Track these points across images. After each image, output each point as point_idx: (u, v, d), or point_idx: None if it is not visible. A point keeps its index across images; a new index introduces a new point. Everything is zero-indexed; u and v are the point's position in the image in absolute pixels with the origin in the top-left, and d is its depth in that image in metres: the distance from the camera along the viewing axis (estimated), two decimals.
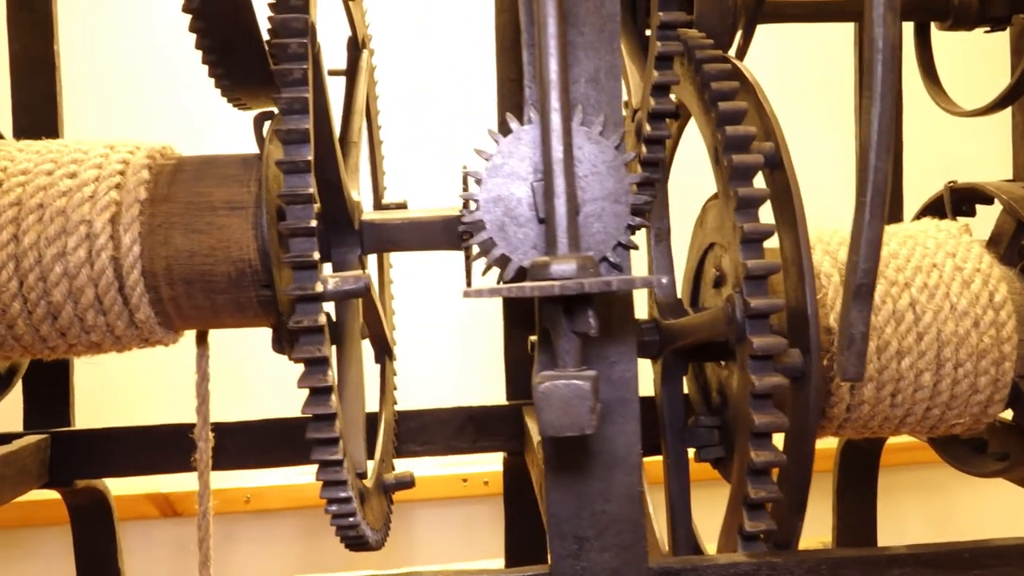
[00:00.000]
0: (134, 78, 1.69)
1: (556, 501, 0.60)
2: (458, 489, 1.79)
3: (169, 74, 1.70)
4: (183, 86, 1.69)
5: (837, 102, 1.55)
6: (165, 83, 1.70)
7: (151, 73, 1.71)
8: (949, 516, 1.92)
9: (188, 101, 1.70)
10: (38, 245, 0.80)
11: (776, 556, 0.63)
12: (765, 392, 0.63)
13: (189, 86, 1.69)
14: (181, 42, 1.70)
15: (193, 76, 1.66)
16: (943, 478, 1.86)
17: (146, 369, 1.65)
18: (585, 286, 0.48)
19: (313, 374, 0.64)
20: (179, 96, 1.70)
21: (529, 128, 0.58)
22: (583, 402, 0.50)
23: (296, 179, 0.62)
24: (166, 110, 1.69)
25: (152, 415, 1.25)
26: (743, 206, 0.66)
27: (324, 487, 0.69)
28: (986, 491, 1.86)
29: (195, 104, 1.68)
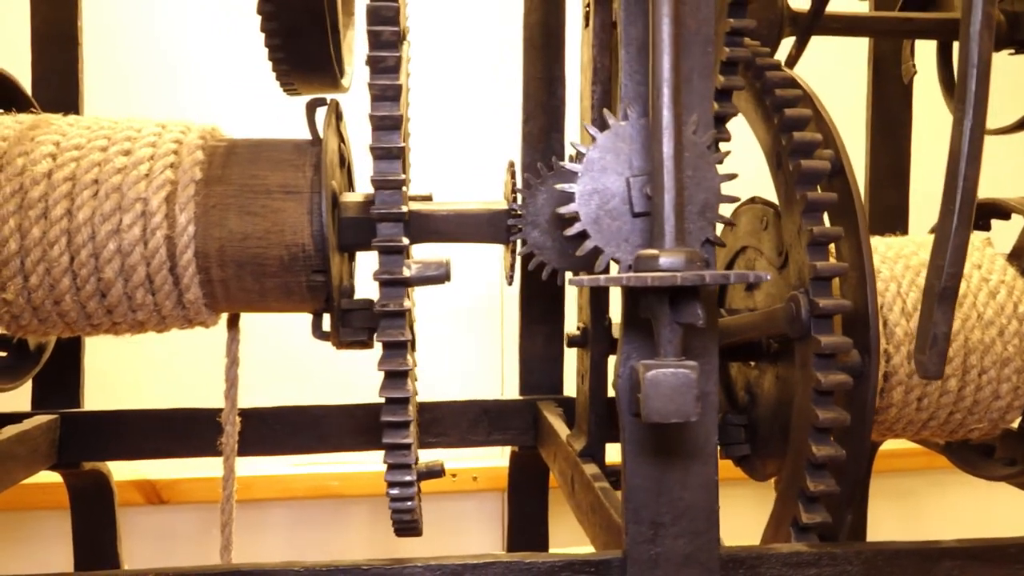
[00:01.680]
0: (154, 57, 1.67)
1: (635, 487, 0.61)
2: (447, 484, 1.80)
3: (190, 52, 1.69)
4: (204, 65, 1.68)
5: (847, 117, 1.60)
6: (186, 62, 1.69)
7: (172, 51, 1.69)
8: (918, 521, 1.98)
9: (208, 81, 1.68)
10: (92, 221, 0.80)
11: (835, 547, 0.65)
12: (829, 389, 0.66)
13: (210, 65, 1.68)
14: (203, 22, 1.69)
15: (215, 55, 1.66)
16: (913, 484, 1.92)
17: (155, 353, 1.63)
18: (706, 278, 0.50)
19: (393, 357, 0.65)
20: (199, 76, 1.68)
21: (626, 124, 0.60)
22: (689, 390, 0.52)
23: (386, 164, 0.63)
24: (186, 89, 1.67)
25: (161, 399, 1.24)
26: (810, 210, 0.69)
27: (390, 470, 0.70)
28: (954, 497, 1.93)
29: (215, 83, 1.67)
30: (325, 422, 1.21)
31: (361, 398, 1.23)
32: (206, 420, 1.19)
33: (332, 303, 0.87)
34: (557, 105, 1.21)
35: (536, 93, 1.21)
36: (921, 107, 1.22)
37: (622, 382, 0.61)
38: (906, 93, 1.19)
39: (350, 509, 1.80)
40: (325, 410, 1.21)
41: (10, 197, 0.79)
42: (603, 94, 0.89)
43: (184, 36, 1.69)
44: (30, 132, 0.82)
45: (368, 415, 1.21)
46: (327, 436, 1.21)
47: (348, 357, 1.67)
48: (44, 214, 0.79)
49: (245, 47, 1.69)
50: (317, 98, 0.88)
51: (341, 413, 1.21)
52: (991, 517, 1.86)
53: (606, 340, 0.90)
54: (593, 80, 0.89)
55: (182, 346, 1.57)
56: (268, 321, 1.19)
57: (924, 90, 1.21)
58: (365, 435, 1.21)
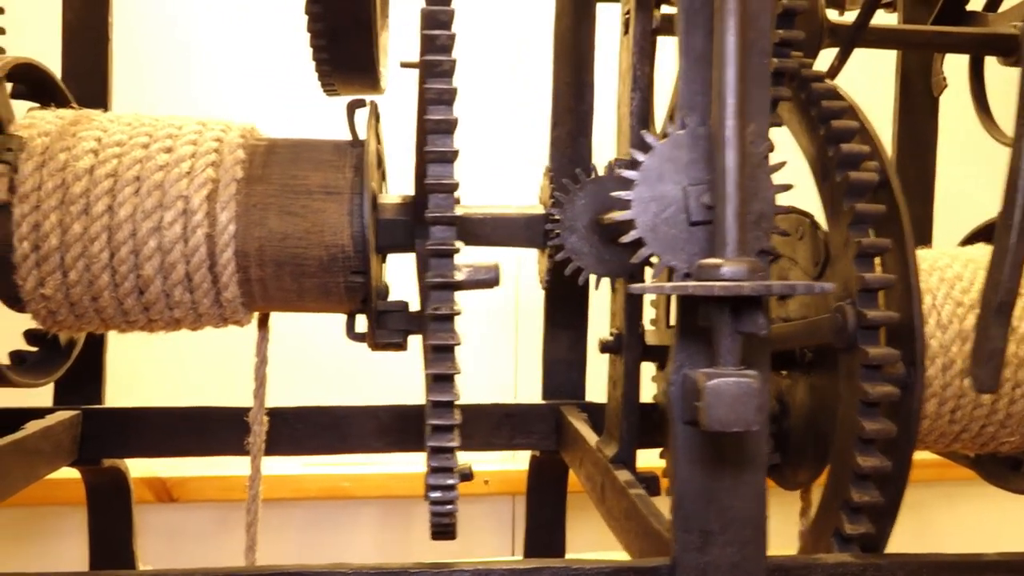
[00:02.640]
0: (168, 52, 1.67)
1: (686, 496, 0.62)
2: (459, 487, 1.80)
3: (206, 47, 1.69)
4: (218, 62, 1.68)
5: None
6: (201, 57, 1.69)
7: (188, 46, 1.69)
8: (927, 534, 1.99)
9: (222, 77, 1.68)
10: (133, 218, 0.80)
11: (880, 558, 0.66)
12: (877, 401, 0.66)
13: (225, 62, 1.68)
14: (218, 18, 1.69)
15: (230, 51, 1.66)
16: (923, 496, 1.93)
17: (176, 351, 1.63)
18: (772, 288, 0.50)
19: (442, 360, 0.65)
20: (213, 73, 1.68)
21: (683, 133, 0.60)
22: (752, 399, 0.52)
23: (441, 168, 0.63)
24: (200, 86, 1.67)
25: (181, 397, 1.23)
26: (858, 222, 0.69)
27: (432, 473, 0.70)
28: (964, 509, 1.94)
29: (229, 80, 1.67)
30: (347, 423, 1.21)
31: (384, 399, 1.23)
32: (228, 419, 1.18)
33: (368, 304, 0.87)
34: (585, 111, 1.21)
35: (565, 98, 1.21)
36: (944, 121, 1.23)
37: (675, 390, 0.61)
38: (932, 107, 1.20)
39: (361, 511, 1.80)
40: (347, 411, 1.21)
41: (52, 192, 0.79)
42: (642, 101, 0.90)
43: (200, 31, 1.69)
44: (71, 128, 0.82)
45: (391, 416, 1.21)
46: (349, 437, 1.21)
47: (370, 358, 1.67)
48: (85, 210, 0.79)
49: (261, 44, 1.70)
50: (357, 99, 0.88)
51: (363, 414, 1.21)
52: (1002, 530, 1.87)
53: (640, 347, 0.90)
54: (633, 87, 0.89)
55: (204, 345, 1.57)
56: (290, 322, 1.19)
57: (947, 104, 1.22)
58: (388, 436, 1.21)
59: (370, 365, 1.65)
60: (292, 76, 1.65)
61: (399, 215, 0.88)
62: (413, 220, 0.88)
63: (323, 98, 1.17)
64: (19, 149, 0.80)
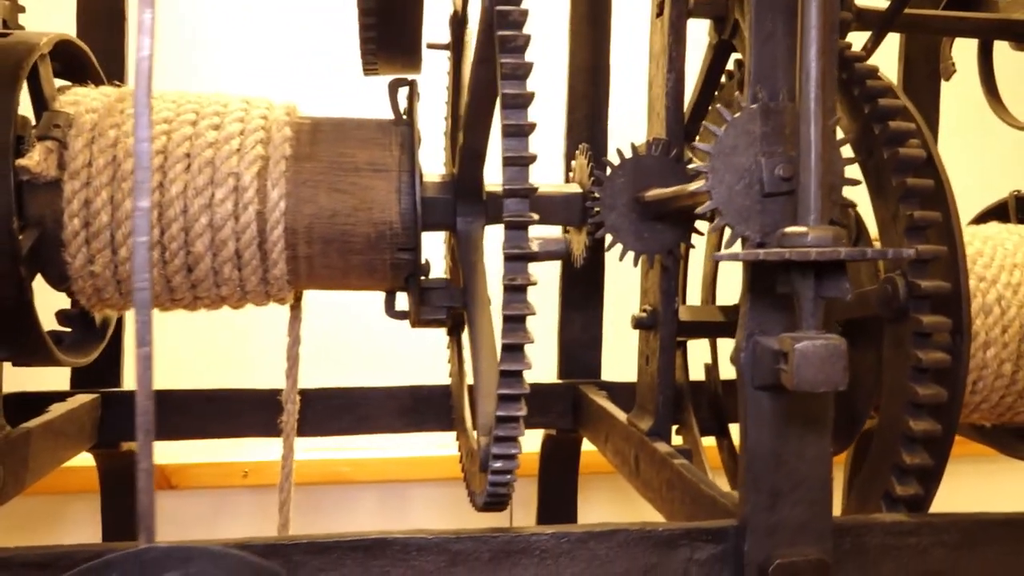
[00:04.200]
0: (199, 34, 1.65)
1: (755, 458, 0.64)
2: (457, 470, 1.81)
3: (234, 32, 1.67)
4: (248, 44, 1.66)
5: None
6: (231, 41, 1.67)
7: (217, 29, 1.67)
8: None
9: (251, 59, 1.67)
10: (185, 195, 0.80)
11: (934, 517, 0.69)
12: (929, 367, 0.69)
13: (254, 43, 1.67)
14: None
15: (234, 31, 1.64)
16: None
17: (193, 334, 1.61)
18: (867, 254, 0.52)
19: (515, 331, 0.66)
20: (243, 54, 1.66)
21: (756, 107, 0.62)
22: (839, 360, 0.54)
23: (516, 142, 0.64)
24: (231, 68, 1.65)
25: (198, 380, 1.23)
26: (907, 196, 0.72)
27: (497, 442, 0.71)
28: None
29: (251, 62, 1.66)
30: (366, 404, 1.21)
31: (402, 380, 1.23)
32: (248, 401, 1.19)
33: (412, 281, 0.88)
34: (601, 95, 1.23)
35: (581, 83, 1.23)
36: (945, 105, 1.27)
37: (746, 357, 0.63)
38: (935, 91, 1.23)
39: (359, 495, 1.80)
40: (367, 392, 1.21)
41: (103, 169, 0.79)
42: (677, 82, 0.92)
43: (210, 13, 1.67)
44: (118, 104, 0.82)
45: (410, 397, 1.22)
46: (368, 418, 1.22)
47: (390, 339, 1.68)
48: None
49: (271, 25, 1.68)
50: (399, 78, 0.89)
51: (383, 395, 1.21)
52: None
53: (676, 322, 0.92)
54: (668, 68, 0.91)
55: (222, 328, 1.57)
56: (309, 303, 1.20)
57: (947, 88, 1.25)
58: (407, 417, 1.22)
59: (389, 346, 1.66)
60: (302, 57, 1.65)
61: (440, 193, 0.89)
62: (454, 198, 0.90)
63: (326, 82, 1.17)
64: (67, 125, 0.79)
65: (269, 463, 1.75)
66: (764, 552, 0.64)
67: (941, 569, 0.69)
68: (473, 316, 0.86)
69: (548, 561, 0.64)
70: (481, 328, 0.85)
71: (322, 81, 1.62)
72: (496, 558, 0.64)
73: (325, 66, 1.63)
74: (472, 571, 0.63)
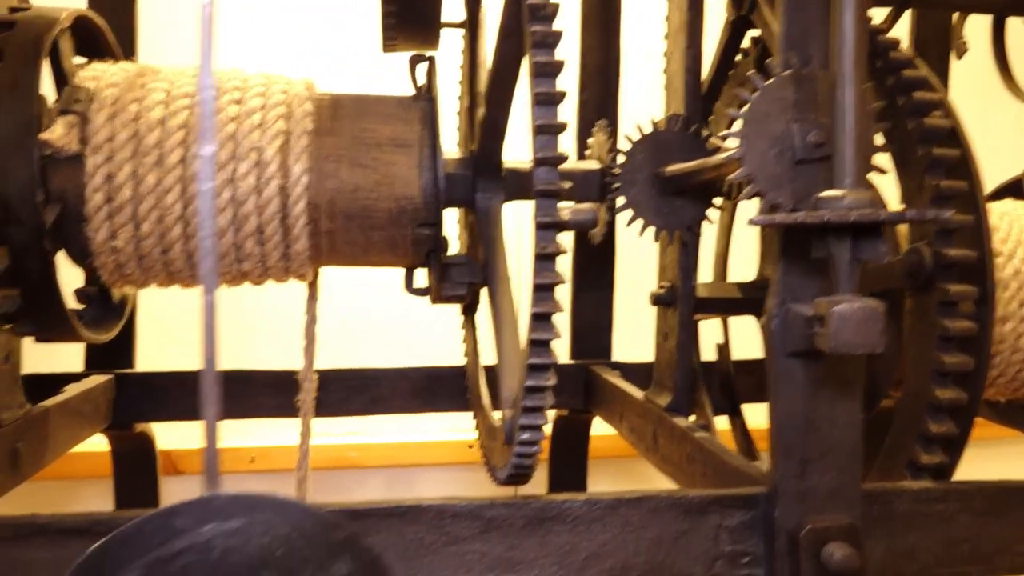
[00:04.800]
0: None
1: (785, 425, 0.64)
2: (464, 455, 1.81)
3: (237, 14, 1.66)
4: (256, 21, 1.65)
5: None
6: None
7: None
8: None
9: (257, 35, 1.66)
10: None
11: (960, 485, 0.69)
12: (956, 335, 0.70)
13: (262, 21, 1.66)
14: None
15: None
16: None
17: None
18: (907, 216, 0.52)
19: (545, 300, 0.67)
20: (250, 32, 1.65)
21: (788, 74, 0.62)
22: (877, 323, 0.54)
23: (546, 110, 0.64)
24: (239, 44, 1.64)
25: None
26: (933, 166, 0.72)
27: (526, 413, 0.71)
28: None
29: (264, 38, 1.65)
30: (378, 385, 1.21)
31: (415, 361, 1.24)
32: (262, 381, 1.19)
33: (432, 257, 0.88)
34: (612, 74, 1.23)
35: (592, 62, 1.23)
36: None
37: (777, 323, 0.64)
38: (945, 70, 1.24)
39: (367, 480, 1.80)
40: (379, 373, 1.21)
41: (125, 143, 0.78)
42: (696, 57, 0.92)
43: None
44: (138, 79, 0.82)
45: (423, 378, 1.22)
46: (381, 399, 1.22)
47: (402, 319, 1.68)
48: (159, 161, 0.79)
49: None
50: (419, 54, 0.89)
51: (395, 376, 1.21)
52: None
53: (695, 298, 0.93)
54: (688, 44, 0.91)
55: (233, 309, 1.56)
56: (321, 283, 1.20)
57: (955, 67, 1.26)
58: (420, 398, 1.22)
59: (401, 326, 1.66)
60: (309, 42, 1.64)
61: (460, 169, 0.89)
62: (473, 174, 0.90)
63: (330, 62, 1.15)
64: (88, 100, 0.79)
65: (276, 448, 1.75)
66: (795, 518, 0.64)
67: (967, 536, 0.69)
68: (494, 291, 0.86)
69: (580, 527, 0.64)
70: (502, 303, 0.86)
71: (328, 63, 1.61)
72: (529, 524, 0.64)
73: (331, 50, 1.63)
74: (505, 537, 0.63)
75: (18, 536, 0.58)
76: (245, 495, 0.35)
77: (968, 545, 0.68)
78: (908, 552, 0.68)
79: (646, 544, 0.65)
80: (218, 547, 0.35)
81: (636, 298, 1.30)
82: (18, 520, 0.59)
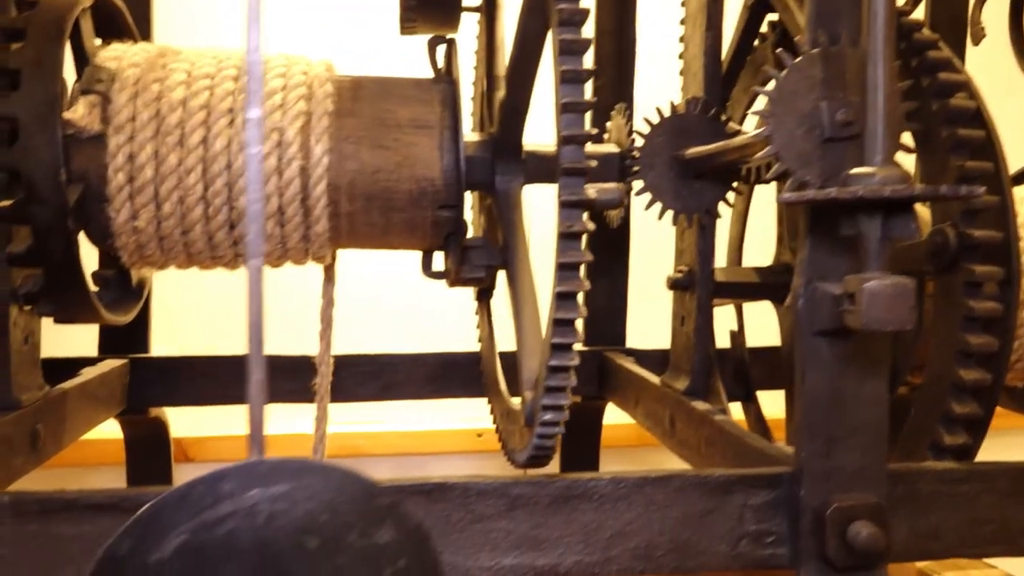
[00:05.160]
0: None
1: (812, 404, 0.64)
2: (473, 443, 1.81)
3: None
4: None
5: None
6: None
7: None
8: None
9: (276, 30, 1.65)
10: (229, 149, 0.79)
11: (984, 465, 0.69)
12: (981, 316, 0.70)
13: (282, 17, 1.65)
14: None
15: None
16: None
17: (216, 301, 1.60)
18: (941, 190, 0.52)
19: (569, 279, 0.67)
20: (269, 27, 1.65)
21: (817, 52, 0.62)
22: (907, 300, 0.54)
23: (572, 88, 0.64)
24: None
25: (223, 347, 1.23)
26: (957, 147, 0.72)
27: (547, 392, 0.71)
28: None
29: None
30: (393, 370, 1.21)
31: (429, 347, 1.24)
32: (278, 367, 1.19)
33: (452, 239, 0.88)
34: (628, 60, 1.23)
35: (607, 47, 1.23)
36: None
37: (803, 303, 0.64)
38: (960, 58, 1.24)
39: (376, 468, 1.81)
40: (394, 359, 1.21)
41: (147, 123, 0.78)
42: (715, 40, 0.92)
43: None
44: (159, 60, 0.81)
45: (438, 364, 1.22)
46: (395, 385, 1.22)
47: (416, 305, 1.68)
48: (180, 141, 0.79)
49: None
50: (437, 37, 0.89)
51: (410, 362, 1.21)
52: None
53: (713, 281, 0.93)
54: (707, 26, 0.91)
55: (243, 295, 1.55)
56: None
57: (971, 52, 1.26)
58: (434, 384, 1.22)
59: (415, 312, 1.66)
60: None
61: (479, 152, 0.89)
62: (492, 156, 0.89)
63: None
64: (109, 80, 0.79)
65: (285, 436, 1.74)
66: (820, 497, 0.64)
67: (991, 516, 0.69)
68: (514, 274, 0.86)
69: (606, 506, 0.64)
70: (523, 285, 0.85)
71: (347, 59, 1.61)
72: (555, 503, 0.64)
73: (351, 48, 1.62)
74: (531, 515, 0.63)
75: (45, 511, 0.58)
76: (290, 460, 0.35)
77: (992, 526, 0.68)
78: (932, 532, 0.68)
79: (671, 523, 0.65)
80: (264, 512, 0.35)
81: (647, 286, 1.31)
82: (45, 496, 0.59)
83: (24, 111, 0.72)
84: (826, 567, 0.63)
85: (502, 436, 1.01)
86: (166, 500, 0.34)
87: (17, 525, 0.58)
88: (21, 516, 0.58)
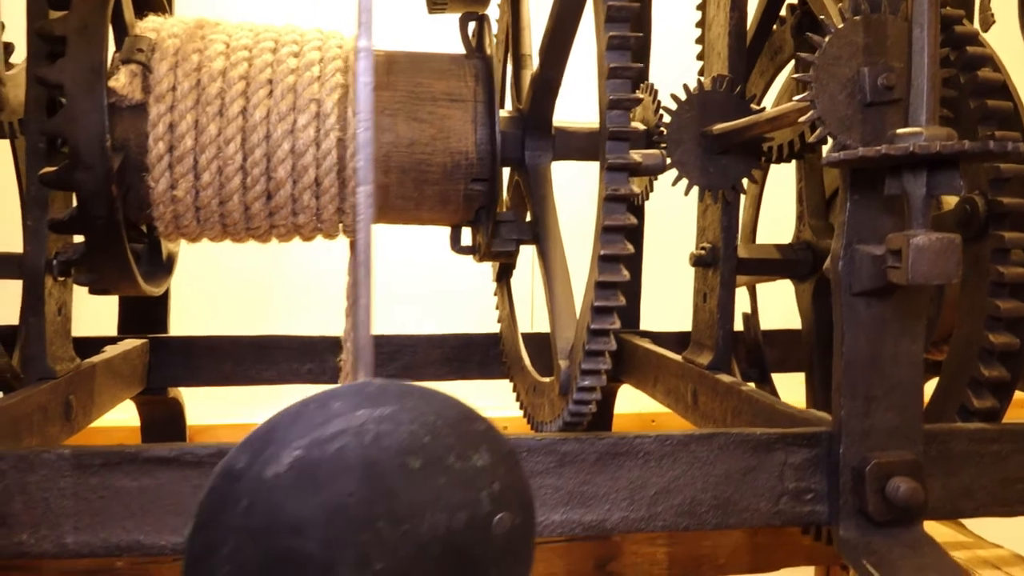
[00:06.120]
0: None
1: (852, 364, 0.66)
2: None
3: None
4: None
5: None
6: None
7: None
8: None
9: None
10: (268, 120, 0.80)
11: (1014, 426, 0.71)
12: (1010, 282, 0.72)
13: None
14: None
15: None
16: None
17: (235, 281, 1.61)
18: (991, 146, 0.54)
19: (613, 242, 0.68)
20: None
21: (859, 18, 0.64)
22: (954, 254, 0.56)
23: (619, 55, 0.66)
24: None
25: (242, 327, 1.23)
26: (985, 119, 0.74)
27: (588, 357, 0.73)
28: None
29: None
30: (412, 351, 1.22)
31: (447, 328, 1.24)
32: (296, 348, 1.19)
33: (483, 213, 0.89)
34: (644, 41, 1.24)
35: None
36: None
37: (844, 264, 0.65)
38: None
39: None
40: (412, 340, 1.22)
41: (188, 93, 0.79)
42: (740, 20, 0.94)
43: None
44: (198, 31, 0.82)
45: (456, 345, 1.23)
46: (413, 366, 1.22)
47: (432, 287, 1.69)
48: (220, 111, 0.80)
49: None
50: (470, 13, 0.90)
51: (428, 343, 1.22)
52: None
53: (736, 257, 0.94)
54: (732, 7, 0.93)
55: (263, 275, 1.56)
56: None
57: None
58: (451, 364, 1.23)
59: (431, 294, 1.67)
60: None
61: (510, 128, 0.90)
62: (522, 132, 0.91)
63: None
64: (150, 50, 0.79)
65: None
66: (859, 454, 0.66)
67: (1020, 476, 0.71)
68: (545, 248, 0.88)
69: (651, 463, 0.66)
70: (554, 259, 0.87)
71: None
72: (602, 459, 0.65)
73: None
74: (579, 471, 0.65)
75: (106, 464, 0.59)
76: (395, 383, 0.36)
77: (1023, 485, 0.70)
78: (964, 491, 0.70)
79: (714, 480, 0.66)
80: (371, 431, 0.36)
81: (659, 271, 1.32)
82: (106, 449, 0.59)
83: (70, 78, 0.73)
84: (866, 522, 0.65)
85: (528, 411, 1.02)
86: (281, 418, 0.35)
87: (79, 478, 0.58)
88: (82, 469, 0.59)
